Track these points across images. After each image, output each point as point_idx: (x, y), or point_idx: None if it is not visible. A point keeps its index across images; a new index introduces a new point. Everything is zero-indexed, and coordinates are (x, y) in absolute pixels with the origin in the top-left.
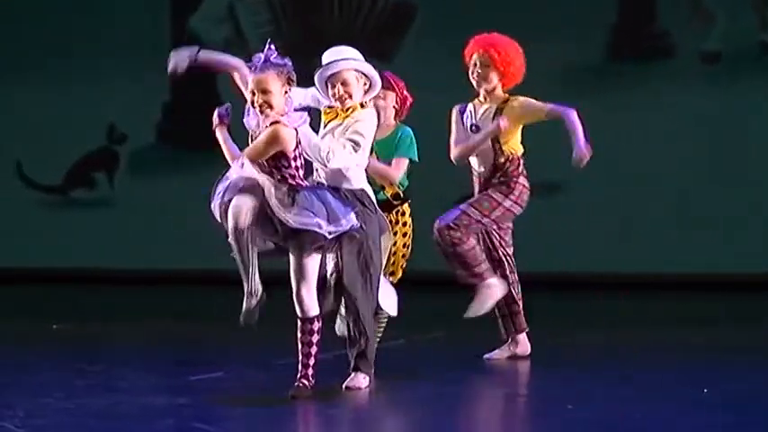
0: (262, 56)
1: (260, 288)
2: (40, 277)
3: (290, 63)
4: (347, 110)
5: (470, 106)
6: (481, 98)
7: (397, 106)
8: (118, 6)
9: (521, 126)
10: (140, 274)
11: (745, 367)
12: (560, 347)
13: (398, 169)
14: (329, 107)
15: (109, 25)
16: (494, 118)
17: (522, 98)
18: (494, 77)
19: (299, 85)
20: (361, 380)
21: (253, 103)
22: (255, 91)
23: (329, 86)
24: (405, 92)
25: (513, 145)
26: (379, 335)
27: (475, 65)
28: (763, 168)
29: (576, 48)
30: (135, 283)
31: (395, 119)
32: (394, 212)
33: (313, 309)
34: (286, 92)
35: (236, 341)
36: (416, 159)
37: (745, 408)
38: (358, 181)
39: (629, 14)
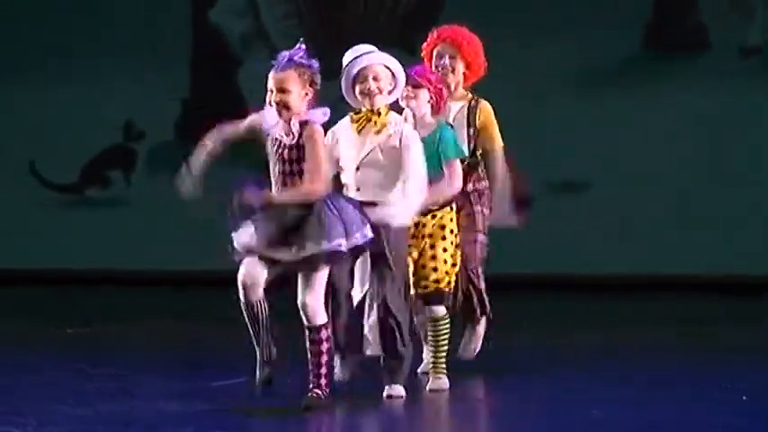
0: (287, 54)
1: (275, 353)
2: (52, 279)
3: (317, 65)
4: (377, 114)
5: None
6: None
7: (432, 101)
8: (131, 2)
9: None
10: (157, 275)
11: (745, 367)
12: (559, 348)
13: (455, 176)
14: (356, 113)
15: (126, 21)
16: (468, 116)
17: (489, 109)
18: (460, 69)
19: (322, 79)
20: (400, 389)
21: (270, 101)
22: (274, 89)
23: (358, 82)
24: (439, 84)
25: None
26: (446, 338)
27: (440, 56)
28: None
29: (607, 43)
30: (152, 285)
31: (432, 115)
32: (430, 216)
33: (319, 316)
34: (306, 93)
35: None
36: (466, 154)
37: (746, 408)
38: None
39: (664, 8)
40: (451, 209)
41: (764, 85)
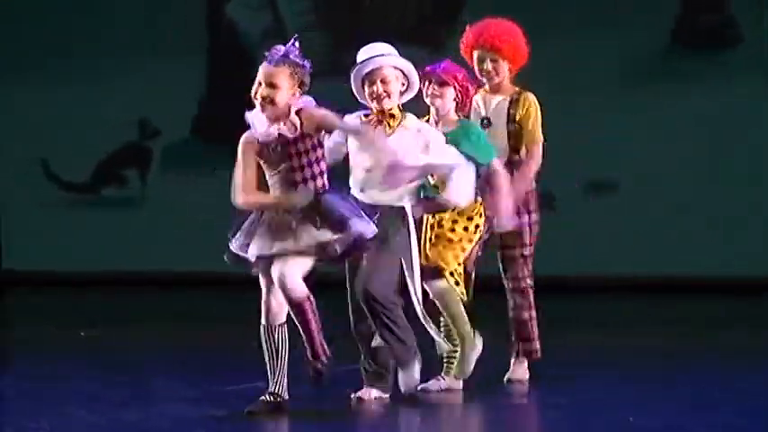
0: (282, 49)
1: (285, 393)
2: (66, 281)
3: (309, 66)
4: (390, 116)
5: (477, 97)
6: (487, 87)
7: (458, 99)
8: None
9: None
10: (174, 277)
11: (746, 367)
12: (560, 349)
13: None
14: (365, 115)
15: (141, 17)
16: (508, 110)
17: (533, 101)
18: (504, 68)
19: (338, 75)
20: (373, 393)
21: (255, 93)
22: (262, 82)
23: (366, 85)
24: (465, 82)
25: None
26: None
27: (481, 61)
28: None
29: (638, 37)
30: (169, 287)
31: (456, 113)
32: (451, 211)
33: (299, 289)
34: (294, 93)
35: None
36: (493, 157)
37: (746, 408)
38: (400, 198)
39: (692, 2)
40: (476, 200)
41: None
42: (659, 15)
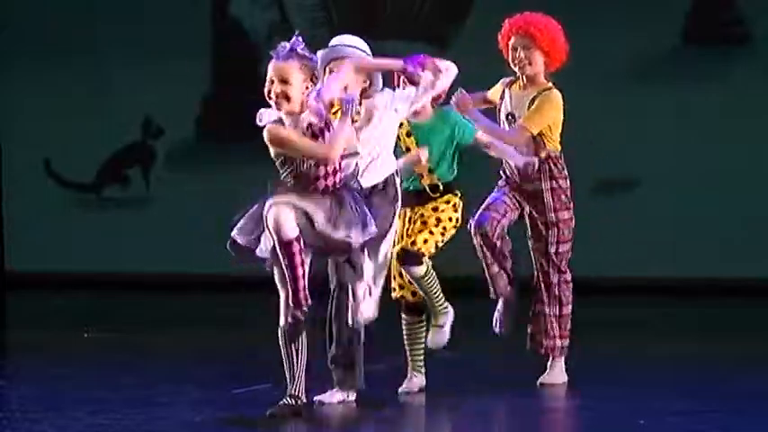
0: (287, 45)
1: (304, 396)
2: (68, 282)
3: (317, 59)
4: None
5: (508, 92)
6: (521, 83)
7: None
8: None
9: (558, 123)
10: (179, 279)
11: (746, 368)
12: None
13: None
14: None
15: (149, 13)
16: (529, 107)
17: (553, 96)
18: (538, 60)
19: None
20: (337, 395)
21: (269, 92)
22: (274, 79)
23: (327, 73)
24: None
25: (555, 142)
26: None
27: (515, 49)
28: None
29: (650, 34)
30: (173, 289)
31: (432, 104)
32: (429, 204)
33: (291, 227)
34: (307, 87)
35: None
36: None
37: (746, 408)
38: (390, 166)
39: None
40: (456, 194)
41: None
42: (670, 13)
